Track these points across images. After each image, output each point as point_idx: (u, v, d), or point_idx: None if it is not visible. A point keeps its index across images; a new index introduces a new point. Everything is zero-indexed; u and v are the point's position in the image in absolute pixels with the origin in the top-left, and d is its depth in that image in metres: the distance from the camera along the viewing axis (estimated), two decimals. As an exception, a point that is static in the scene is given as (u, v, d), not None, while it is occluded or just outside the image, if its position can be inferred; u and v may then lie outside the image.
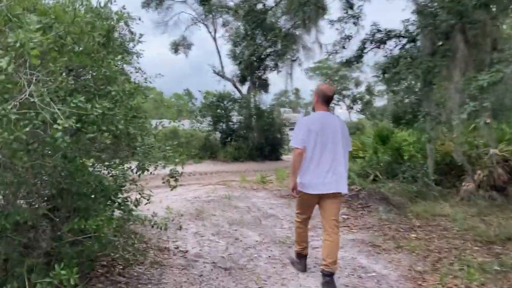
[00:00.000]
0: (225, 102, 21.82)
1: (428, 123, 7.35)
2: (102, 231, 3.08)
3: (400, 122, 12.92)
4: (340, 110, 44.85)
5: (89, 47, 3.07)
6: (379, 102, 43.41)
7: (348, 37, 10.93)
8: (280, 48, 24.81)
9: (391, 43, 9.26)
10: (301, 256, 4.58)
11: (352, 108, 43.76)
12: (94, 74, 3.27)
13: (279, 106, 34.39)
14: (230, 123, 21.87)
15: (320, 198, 4.12)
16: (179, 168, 4.49)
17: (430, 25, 7.22)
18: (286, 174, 13.11)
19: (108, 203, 3.77)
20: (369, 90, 40.40)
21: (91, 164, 3.28)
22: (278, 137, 22.89)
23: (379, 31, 9.73)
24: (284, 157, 23.82)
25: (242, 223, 6.72)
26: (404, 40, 8.48)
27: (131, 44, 4.21)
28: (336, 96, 42.34)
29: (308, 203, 4.29)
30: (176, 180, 4.48)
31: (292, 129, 28.31)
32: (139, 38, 4.21)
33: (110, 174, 3.91)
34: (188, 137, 20.26)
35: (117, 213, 3.81)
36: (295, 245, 4.67)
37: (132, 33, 4.17)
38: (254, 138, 21.51)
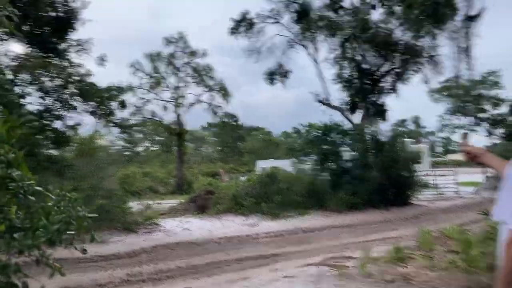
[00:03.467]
0: (332, 135, 17.55)
1: None
2: None
3: None
4: (477, 137, 37.06)
5: None
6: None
7: None
8: (398, 66, 20.12)
9: None
10: None
11: (491, 134, 35.88)
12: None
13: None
14: (341, 161, 17.43)
15: None
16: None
17: None
18: (432, 238, 8.40)
19: None
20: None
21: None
22: (405, 176, 17.76)
23: None
24: (414, 201, 18.51)
25: None
26: None
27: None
28: (471, 120, 35.19)
29: None
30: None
31: (418, 162, 22.68)
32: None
33: None
34: (289, 182, 16.36)
35: None
36: None
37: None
38: (373, 179, 16.83)
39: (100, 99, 10.58)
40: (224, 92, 31.56)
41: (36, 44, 8.75)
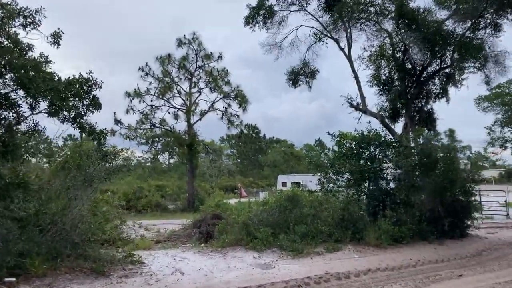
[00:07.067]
0: (371, 149, 13.97)
1: None
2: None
3: None
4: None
5: None
6: None
7: None
8: (451, 64, 16.49)
9: None
10: None
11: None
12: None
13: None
14: (382, 181, 13.82)
15: None
16: None
17: None
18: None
19: None
20: None
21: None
22: (462, 201, 14.06)
23: None
24: (474, 232, 14.73)
25: None
26: None
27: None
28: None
29: None
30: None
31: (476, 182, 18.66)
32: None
33: None
34: (315, 206, 12.88)
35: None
36: None
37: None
38: (422, 205, 13.20)
39: (56, 94, 7.38)
40: (241, 99, 28.32)
41: None
